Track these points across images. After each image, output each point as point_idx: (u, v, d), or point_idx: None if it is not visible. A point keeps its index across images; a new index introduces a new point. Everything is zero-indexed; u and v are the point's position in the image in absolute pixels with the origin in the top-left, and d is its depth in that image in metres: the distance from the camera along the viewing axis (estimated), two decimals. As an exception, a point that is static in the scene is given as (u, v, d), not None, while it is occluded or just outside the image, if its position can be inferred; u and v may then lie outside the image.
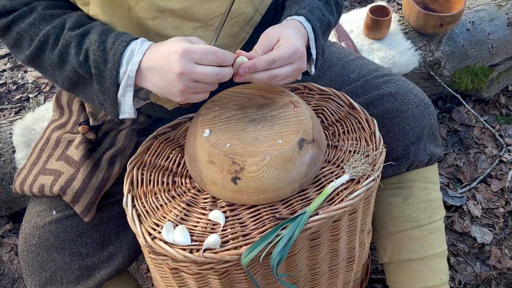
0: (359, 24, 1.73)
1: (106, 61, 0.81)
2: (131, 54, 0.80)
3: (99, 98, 0.86)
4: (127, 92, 0.83)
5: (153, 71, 0.80)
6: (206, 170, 0.83)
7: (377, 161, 0.88)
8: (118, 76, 0.81)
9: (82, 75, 0.84)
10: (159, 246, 0.79)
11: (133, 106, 0.84)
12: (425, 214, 1.14)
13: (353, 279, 1.15)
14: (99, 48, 0.81)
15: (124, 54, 0.80)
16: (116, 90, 0.82)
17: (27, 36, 0.85)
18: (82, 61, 0.82)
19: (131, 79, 0.81)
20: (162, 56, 0.78)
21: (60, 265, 0.97)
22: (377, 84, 1.08)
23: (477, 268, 1.49)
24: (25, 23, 0.85)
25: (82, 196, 0.95)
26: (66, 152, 1.00)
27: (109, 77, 0.81)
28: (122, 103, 0.84)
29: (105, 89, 0.83)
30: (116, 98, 0.83)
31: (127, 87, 0.82)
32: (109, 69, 0.81)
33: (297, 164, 0.82)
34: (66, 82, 0.87)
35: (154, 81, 0.81)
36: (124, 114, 0.86)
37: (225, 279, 0.85)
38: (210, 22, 0.90)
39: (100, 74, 0.82)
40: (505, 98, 1.98)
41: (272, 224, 0.81)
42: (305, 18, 0.91)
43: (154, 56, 0.80)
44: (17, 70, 2.13)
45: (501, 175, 1.72)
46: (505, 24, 1.75)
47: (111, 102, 0.84)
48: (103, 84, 0.83)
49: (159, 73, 0.79)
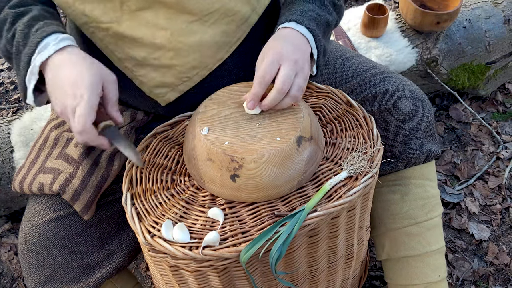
0: (356, 22, 1.74)
1: (25, 45, 0.85)
2: (45, 46, 0.84)
3: (17, 77, 0.90)
4: (31, 79, 0.86)
5: (57, 71, 0.83)
6: (205, 168, 0.84)
7: (375, 158, 0.89)
8: (30, 61, 0.85)
9: (10, 51, 0.89)
10: (158, 244, 0.79)
11: (32, 95, 0.87)
12: (422, 211, 1.14)
13: (351, 276, 1.16)
14: (24, 30, 0.86)
15: (40, 43, 0.84)
16: (25, 74, 0.86)
17: None
18: (9, 38, 0.88)
19: (35, 68, 0.84)
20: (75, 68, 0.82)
21: (60, 264, 0.97)
22: (374, 81, 1.09)
23: (474, 265, 1.50)
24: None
25: (82, 194, 0.95)
26: (65, 151, 1.00)
27: (23, 59, 0.85)
28: (28, 88, 0.87)
29: (19, 70, 0.87)
30: (24, 82, 0.87)
31: (32, 75, 0.85)
32: (25, 52, 0.85)
33: (295, 162, 0.82)
34: (4, 53, 0.92)
35: (49, 79, 0.84)
36: (29, 99, 0.89)
37: (225, 276, 0.86)
38: (205, 17, 0.91)
39: (18, 55, 0.87)
40: (502, 95, 1.99)
41: (271, 221, 0.81)
42: (295, 23, 0.91)
43: (67, 62, 0.83)
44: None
45: (498, 172, 1.73)
46: (501, 21, 1.76)
47: (21, 84, 0.88)
48: (18, 64, 0.87)
49: (54, 84, 0.83)
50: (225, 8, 0.92)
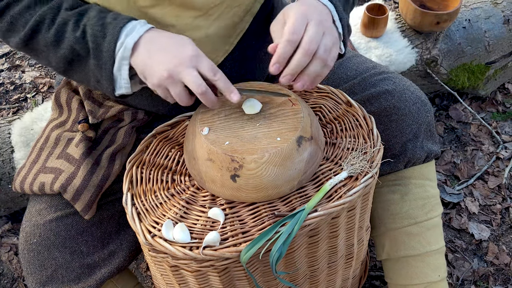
0: (356, 23, 1.74)
1: (105, 35, 0.81)
2: (132, 29, 0.81)
3: (95, 75, 0.85)
4: (122, 65, 0.82)
5: (149, 48, 0.80)
6: (205, 168, 0.84)
7: (375, 158, 0.89)
8: (115, 49, 0.81)
9: (78, 52, 0.84)
10: (159, 244, 0.80)
11: (128, 80, 0.84)
12: (422, 211, 1.14)
13: (351, 276, 1.16)
14: (98, 22, 0.81)
15: (124, 28, 0.81)
16: (113, 64, 0.82)
17: (22, 19, 0.85)
18: (79, 36, 0.82)
19: (127, 50, 0.81)
20: (170, 43, 0.80)
21: (61, 263, 0.97)
22: (374, 81, 1.09)
23: (474, 265, 1.50)
24: (19, 6, 0.85)
25: (83, 194, 0.95)
26: (66, 150, 1.00)
27: (106, 49, 0.81)
28: (117, 78, 0.84)
29: (102, 63, 0.82)
30: (112, 73, 0.83)
31: (123, 60, 0.81)
32: (107, 41, 0.81)
33: (295, 162, 0.83)
34: (61, 62, 0.87)
35: (145, 56, 0.81)
36: (121, 89, 0.85)
37: (225, 277, 0.86)
38: (210, 11, 0.90)
39: (97, 47, 0.82)
40: (502, 95, 1.99)
41: (271, 221, 0.82)
42: None
43: (161, 37, 0.81)
44: (15, 70, 2.13)
45: (498, 172, 1.73)
46: (501, 21, 1.76)
47: (107, 77, 0.83)
48: (100, 57, 0.82)
49: (155, 51, 0.80)
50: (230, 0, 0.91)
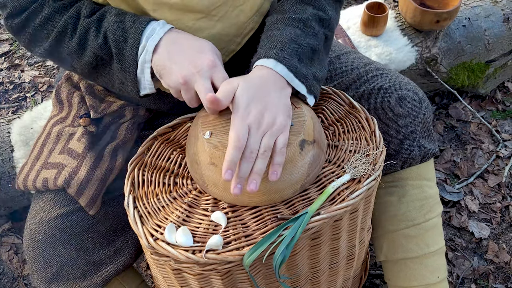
0: (356, 21, 1.73)
1: (127, 39, 0.83)
2: (152, 32, 0.83)
3: (120, 78, 0.87)
4: (145, 68, 0.84)
5: (169, 49, 0.82)
6: (208, 172, 0.84)
7: (377, 160, 0.89)
8: (137, 52, 0.83)
9: (101, 57, 0.86)
10: (161, 247, 0.79)
11: (152, 81, 0.86)
12: (420, 212, 1.13)
13: (352, 275, 1.16)
14: (119, 27, 0.83)
15: (144, 31, 0.82)
16: (136, 67, 0.84)
17: (44, 30, 0.87)
18: (101, 42, 0.84)
19: (149, 54, 0.83)
20: (196, 40, 0.82)
21: (66, 261, 0.96)
22: (369, 77, 1.06)
23: (474, 263, 1.50)
24: (39, 18, 0.87)
25: (87, 188, 0.95)
26: (68, 145, 1.00)
27: (129, 54, 0.83)
28: (141, 80, 0.86)
29: (125, 67, 0.84)
30: (136, 75, 0.85)
31: (145, 63, 0.84)
32: (129, 46, 0.83)
33: (298, 165, 0.82)
34: (86, 68, 0.89)
35: (164, 57, 0.83)
36: (145, 90, 0.88)
37: (228, 280, 0.86)
38: (212, 12, 0.89)
39: (120, 52, 0.84)
40: (502, 94, 1.99)
41: (274, 225, 0.81)
42: (275, 61, 0.84)
43: (181, 39, 0.82)
44: (14, 69, 2.12)
45: (498, 170, 1.73)
46: (501, 20, 1.76)
47: (131, 80, 0.85)
48: (123, 62, 0.84)
49: (174, 53, 0.82)
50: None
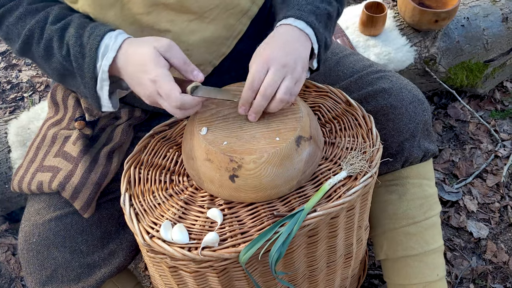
0: (354, 21, 1.73)
1: (84, 56, 0.83)
2: (106, 49, 0.83)
3: (83, 91, 0.88)
4: (103, 86, 0.85)
5: (125, 72, 0.83)
6: (204, 168, 0.83)
7: (374, 158, 0.89)
8: (95, 70, 0.83)
9: (67, 68, 0.87)
10: (157, 245, 0.79)
11: (109, 100, 0.87)
12: (420, 210, 1.14)
13: (350, 275, 1.16)
14: (77, 43, 0.83)
15: (98, 49, 0.82)
16: (95, 84, 0.84)
17: (15, 30, 0.88)
18: (65, 55, 0.85)
19: (105, 73, 0.83)
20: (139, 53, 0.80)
21: (60, 263, 0.97)
22: (371, 80, 1.08)
23: (473, 263, 1.50)
24: (12, 17, 0.88)
25: (81, 192, 0.95)
26: (63, 149, 1.00)
27: (87, 71, 0.83)
28: (101, 97, 0.87)
29: (85, 82, 0.85)
30: (96, 91, 0.85)
31: (103, 81, 0.84)
32: (86, 63, 0.83)
33: (294, 162, 0.82)
34: (55, 74, 0.90)
35: (126, 78, 0.84)
36: (104, 107, 0.88)
37: (224, 277, 0.85)
38: (205, 14, 0.90)
39: (80, 68, 0.84)
40: (500, 93, 1.99)
41: (270, 222, 0.81)
42: (294, 18, 0.88)
43: (128, 59, 0.82)
44: (11, 69, 2.12)
45: (497, 170, 1.73)
46: (499, 19, 1.76)
47: (92, 95, 0.86)
48: (83, 77, 0.85)
49: (130, 77, 0.82)
50: (225, 2, 0.91)
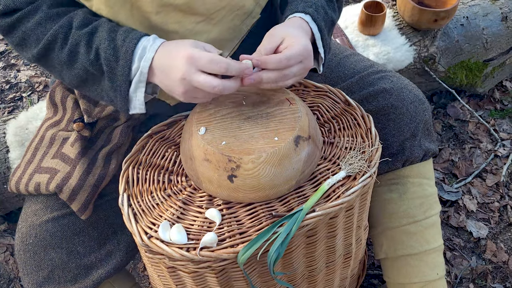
0: (353, 20, 1.73)
1: (118, 59, 0.82)
2: (143, 51, 0.82)
3: (109, 95, 0.86)
4: (139, 88, 0.84)
5: (161, 70, 0.81)
6: (202, 168, 0.83)
7: (373, 158, 0.88)
8: (130, 72, 0.82)
9: (92, 73, 0.85)
10: (155, 245, 0.79)
11: (143, 101, 0.86)
12: (420, 209, 1.14)
13: (350, 275, 1.15)
14: (110, 46, 0.82)
15: (135, 51, 0.81)
16: (128, 86, 0.83)
17: (33, 36, 0.86)
18: (93, 59, 0.83)
19: (143, 75, 0.82)
20: (171, 58, 0.80)
21: (57, 264, 0.97)
22: (372, 80, 1.08)
23: (473, 262, 1.50)
24: (31, 22, 0.86)
25: (79, 194, 0.95)
26: (61, 150, 1.00)
27: (121, 74, 0.82)
28: (133, 99, 0.86)
29: (116, 86, 0.84)
30: (128, 94, 0.84)
31: (139, 83, 0.83)
32: (121, 66, 0.82)
33: (293, 161, 0.82)
34: (75, 80, 0.88)
35: (160, 78, 0.82)
36: (135, 109, 0.87)
37: (222, 277, 0.85)
38: (212, 16, 0.90)
39: (111, 71, 0.83)
40: (500, 93, 1.98)
41: (269, 222, 0.81)
42: (311, 18, 0.90)
43: (165, 56, 0.81)
44: (10, 69, 2.11)
45: (496, 169, 1.73)
46: (499, 19, 1.76)
47: (122, 98, 0.85)
48: (114, 81, 0.84)
49: (165, 73, 0.81)
50: (231, 4, 0.91)
